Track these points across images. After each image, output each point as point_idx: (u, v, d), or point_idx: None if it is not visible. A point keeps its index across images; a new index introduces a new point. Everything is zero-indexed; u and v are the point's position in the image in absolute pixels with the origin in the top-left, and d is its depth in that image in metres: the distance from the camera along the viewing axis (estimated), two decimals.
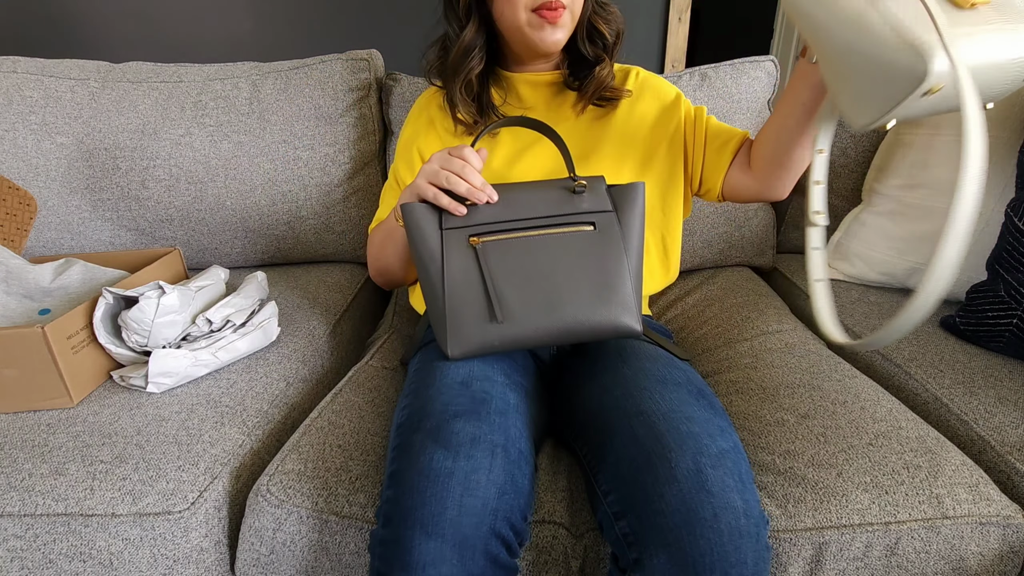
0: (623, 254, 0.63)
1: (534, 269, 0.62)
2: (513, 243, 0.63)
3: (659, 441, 0.52)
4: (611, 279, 0.62)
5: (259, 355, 0.87)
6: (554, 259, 0.62)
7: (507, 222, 0.63)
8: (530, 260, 0.62)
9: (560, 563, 0.59)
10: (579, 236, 0.63)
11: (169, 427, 0.70)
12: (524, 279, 0.62)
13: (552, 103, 0.81)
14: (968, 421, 0.70)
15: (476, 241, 0.62)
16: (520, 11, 0.69)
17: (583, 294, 0.62)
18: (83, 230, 1.15)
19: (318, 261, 1.24)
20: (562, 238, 0.63)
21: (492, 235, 0.63)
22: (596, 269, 0.62)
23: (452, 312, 0.62)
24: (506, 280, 0.62)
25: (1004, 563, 0.58)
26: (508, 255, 0.62)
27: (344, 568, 0.61)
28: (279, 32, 1.80)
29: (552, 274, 0.62)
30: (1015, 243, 0.79)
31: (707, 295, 1.05)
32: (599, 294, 0.62)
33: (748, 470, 0.53)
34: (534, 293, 0.61)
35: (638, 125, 0.80)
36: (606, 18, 0.77)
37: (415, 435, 0.55)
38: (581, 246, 0.63)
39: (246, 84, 1.14)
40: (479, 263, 0.62)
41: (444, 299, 0.62)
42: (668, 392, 0.59)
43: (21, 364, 0.71)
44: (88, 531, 0.61)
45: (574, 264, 0.62)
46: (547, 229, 0.63)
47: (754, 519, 0.49)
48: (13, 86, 1.10)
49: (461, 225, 0.63)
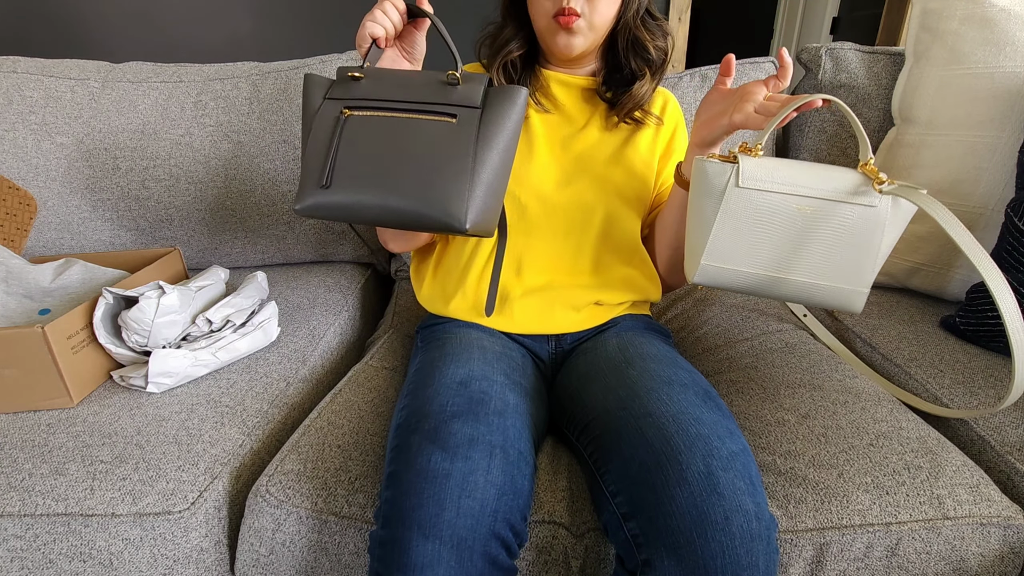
0: (470, 150, 0.63)
1: (383, 148, 0.63)
2: (375, 121, 0.64)
3: (669, 443, 0.52)
4: (445, 170, 0.62)
5: (259, 355, 0.87)
6: (404, 143, 0.63)
7: (379, 100, 0.65)
8: (383, 140, 0.63)
9: (560, 563, 0.59)
10: (435, 125, 0.63)
11: (169, 427, 0.70)
12: (369, 155, 0.63)
13: (583, 108, 0.81)
14: (968, 421, 0.70)
15: (347, 112, 0.64)
16: (541, 17, 0.72)
17: (414, 179, 0.62)
18: (83, 230, 1.15)
19: (318, 261, 1.24)
20: (419, 124, 0.63)
21: (361, 111, 0.64)
22: (438, 159, 0.63)
23: (304, 171, 0.64)
24: (350, 152, 0.63)
25: (1004, 564, 0.58)
26: (366, 131, 0.64)
27: (343, 568, 0.61)
28: (279, 32, 1.80)
29: (396, 156, 0.63)
30: (1015, 243, 0.79)
31: (707, 295, 1.05)
32: (428, 182, 0.62)
33: (757, 473, 0.53)
34: (372, 169, 0.63)
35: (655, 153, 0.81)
36: (653, 32, 0.76)
37: (413, 436, 0.55)
38: (434, 135, 0.63)
39: (246, 84, 1.14)
40: (338, 131, 0.64)
41: (304, 161, 0.64)
42: (675, 394, 0.59)
43: (21, 364, 0.71)
44: (88, 531, 0.61)
45: (421, 151, 0.63)
46: (411, 114, 0.64)
47: (765, 522, 0.49)
48: (13, 86, 1.10)
49: (341, 97, 0.65)
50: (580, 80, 0.81)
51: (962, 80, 0.92)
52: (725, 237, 0.62)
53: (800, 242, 0.61)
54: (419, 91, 0.65)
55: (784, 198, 0.61)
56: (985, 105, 0.89)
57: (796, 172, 0.61)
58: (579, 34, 0.71)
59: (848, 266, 0.61)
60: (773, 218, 0.61)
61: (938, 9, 0.96)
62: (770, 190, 0.61)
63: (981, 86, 0.89)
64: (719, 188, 0.62)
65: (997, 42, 0.89)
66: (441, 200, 0.61)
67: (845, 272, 0.61)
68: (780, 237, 0.61)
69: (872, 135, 1.09)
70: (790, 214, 0.61)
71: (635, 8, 0.74)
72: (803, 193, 0.60)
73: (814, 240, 0.61)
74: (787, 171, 0.61)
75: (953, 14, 0.94)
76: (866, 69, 1.09)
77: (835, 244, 0.61)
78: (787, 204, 0.61)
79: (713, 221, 0.62)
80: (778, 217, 0.61)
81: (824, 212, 0.60)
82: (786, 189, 0.61)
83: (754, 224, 0.62)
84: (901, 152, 1.00)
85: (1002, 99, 0.88)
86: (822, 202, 0.60)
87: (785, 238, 0.61)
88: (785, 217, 0.61)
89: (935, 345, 0.84)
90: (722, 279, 0.64)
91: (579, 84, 0.81)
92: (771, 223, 0.61)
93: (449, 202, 0.61)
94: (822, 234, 0.61)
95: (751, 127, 0.63)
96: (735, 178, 0.61)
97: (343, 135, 0.63)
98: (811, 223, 0.60)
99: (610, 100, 0.79)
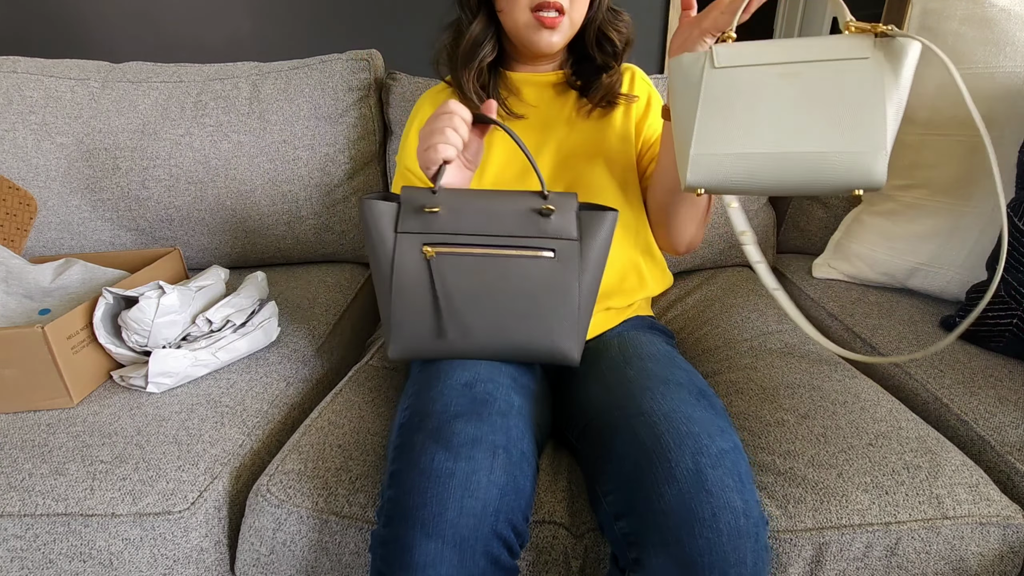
0: (576, 286, 0.61)
1: (485, 289, 0.60)
2: (467, 260, 0.61)
3: (659, 441, 0.52)
4: (559, 309, 0.61)
5: (259, 355, 0.87)
6: (506, 282, 0.61)
7: (465, 235, 0.61)
8: (482, 279, 0.61)
9: (560, 563, 0.59)
10: (536, 263, 0.61)
11: (169, 427, 0.70)
12: (474, 298, 0.60)
13: (554, 104, 0.81)
14: (968, 421, 0.70)
15: (430, 252, 0.60)
16: (520, 11, 0.70)
17: (529, 321, 0.61)
18: (83, 230, 1.15)
19: (318, 261, 1.24)
20: (519, 262, 0.61)
21: (447, 247, 0.61)
22: (547, 298, 0.61)
23: (397, 317, 0.61)
24: (457, 297, 0.61)
25: (1004, 563, 0.58)
26: (461, 270, 0.61)
27: (344, 568, 0.61)
28: (279, 32, 1.80)
29: (502, 297, 0.61)
30: (1015, 243, 0.79)
31: (707, 295, 1.05)
32: (544, 323, 0.61)
33: (748, 470, 0.53)
34: (482, 314, 0.61)
35: (630, 128, 0.81)
36: (616, 26, 0.77)
37: (416, 435, 0.55)
38: (536, 273, 0.61)
39: (246, 84, 1.14)
40: (431, 276, 0.60)
41: (390, 303, 0.61)
42: (670, 392, 0.59)
43: (21, 364, 0.71)
44: (88, 531, 0.61)
45: (527, 290, 0.61)
46: (506, 249, 0.61)
47: (753, 519, 0.49)
48: (13, 86, 1.10)
49: (417, 231, 0.61)
50: (548, 77, 0.81)
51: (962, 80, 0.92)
52: (712, 122, 0.58)
53: (794, 111, 0.56)
54: (508, 223, 0.61)
55: (766, 69, 0.57)
56: (985, 105, 0.89)
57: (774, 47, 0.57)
58: (561, 32, 0.72)
59: (856, 126, 0.54)
60: (758, 91, 0.57)
61: (938, 9, 0.96)
62: (749, 63, 0.57)
63: (981, 86, 0.89)
64: (696, 77, 0.58)
65: (997, 42, 0.89)
66: (553, 340, 0.61)
67: (855, 134, 0.54)
68: (771, 110, 0.56)
69: None
70: (775, 84, 0.56)
71: (604, 5, 0.75)
72: (784, 60, 0.56)
73: (809, 105, 0.55)
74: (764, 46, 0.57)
75: (953, 14, 0.94)
76: None
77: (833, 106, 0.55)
78: (769, 75, 0.56)
79: (695, 111, 0.58)
80: (763, 89, 0.57)
81: (811, 74, 0.55)
82: (765, 59, 0.57)
83: (740, 103, 0.57)
84: (901, 152, 1.00)
85: (1002, 99, 0.88)
86: (806, 65, 0.56)
87: (777, 109, 0.56)
88: (771, 88, 0.56)
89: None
90: (720, 172, 0.58)
91: (548, 81, 0.81)
92: (757, 97, 0.57)
93: (561, 340, 0.61)
94: (816, 97, 0.55)
95: (722, 25, 0.59)
96: (709, 61, 0.58)
97: (435, 280, 0.60)
98: (800, 89, 0.55)
99: (581, 88, 0.79)
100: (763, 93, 0.56)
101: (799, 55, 0.56)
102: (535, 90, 0.81)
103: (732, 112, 0.57)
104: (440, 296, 0.60)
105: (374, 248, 0.62)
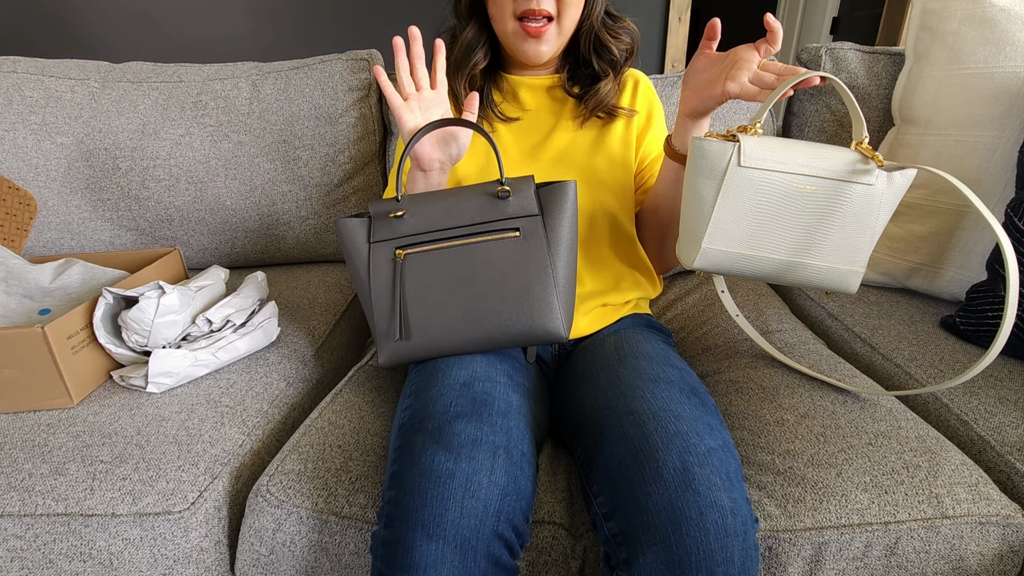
0: (547, 259, 0.62)
1: (455, 280, 0.61)
2: (433, 255, 0.62)
3: (647, 440, 0.52)
4: (533, 286, 0.61)
5: (259, 355, 0.87)
6: (476, 269, 0.61)
7: (431, 232, 0.63)
8: (451, 271, 0.61)
9: (560, 563, 0.59)
10: (503, 244, 0.62)
11: (169, 427, 0.70)
12: (443, 292, 0.61)
13: (552, 109, 0.81)
14: (968, 421, 0.70)
15: (400, 254, 0.62)
16: (507, 19, 0.70)
17: (505, 303, 0.61)
18: (83, 230, 1.15)
19: (318, 261, 1.24)
20: (485, 247, 0.62)
21: (415, 247, 0.62)
22: (519, 276, 0.61)
23: (378, 326, 0.63)
24: (422, 295, 0.62)
25: (1004, 563, 0.58)
26: (427, 268, 0.62)
27: (344, 568, 0.61)
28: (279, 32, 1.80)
29: (474, 284, 0.61)
30: (1015, 243, 0.79)
31: (707, 295, 1.05)
32: (521, 302, 0.61)
33: (737, 468, 0.53)
34: (455, 305, 0.61)
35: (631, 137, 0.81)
36: (616, 33, 0.76)
37: (416, 436, 0.55)
38: (505, 254, 0.62)
39: (246, 84, 1.14)
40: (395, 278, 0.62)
41: (372, 311, 0.63)
42: (660, 391, 0.59)
43: (21, 364, 0.71)
44: (88, 531, 0.61)
45: (497, 273, 0.61)
46: (471, 238, 0.62)
47: (741, 517, 0.49)
48: (13, 86, 1.10)
49: (387, 238, 0.63)
50: (546, 80, 0.81)
51: (962, 80, 0.92)
52: (727, 219, 0.61)
53: (800, 223, 0.60)
54: (470, 212, 0.63)
55: (786, 177, 0.60)
56: (985, 105, 0.89)
57: (795, 150, 0.60)
58: (548, 41, 0.71)
59: (847, 246, 0.61)
60: (775, 198, 0.60)
61: (938, 9, 0.96)
62: (773, 169, 0.60)
63: (981, 86, 0.90)
64: (720, 168, 0.60)
65: (997, 42, 0.89)
66: (534, 318, 0.61)
67: (844, 252, 0.61)
68: (781, 218, 0.61)
69: (872, 135, 1.09)
70: (792, 193, 0.60)
71: (597, 11, 0.73)
72: (804, 172, 0.60)
73: (814, 220, 0.60)
74: (787, 149, 0.60)
75: (953, 14, 0.94)
76: (866, 69, 1.09)
77: (835, 224, 0.60)
78: (789, 183, 0.60)
79: (714, 202, 0.61)
80: (780, 197, 0.60)
81: (825, 191, 0.60)
82: (788, 168, 0.60)
83: (756, 205, 0.60)
84: (901, 152, 1.00)
85: (1002, 99, 0.88)
86: (823, 181, 0.60)
87: (786, 219, 0.61)
88: (787, 197, 0.60)
89: (935, 345, 0.84)
90: (725, 263, 0.63)
91: (545, 84, 0.81)
92: (773, 203, 0.60)
93: (543, 317, 0.61)
94: (822, 214, 0.60)
95: (746, 98, 0.61)
96: (737, 157, 0.59)
97: (404, 281, 0.61)
98: (811, 203, 0.60)
99: (578, 95, 0.79)
100: (778, 200, 0.60)
101: (817, 167, 0.60)
102: (532, 93, 0.80)
103: (748, 213, 0.61)
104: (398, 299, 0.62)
105: (352, 261, 0.64)
